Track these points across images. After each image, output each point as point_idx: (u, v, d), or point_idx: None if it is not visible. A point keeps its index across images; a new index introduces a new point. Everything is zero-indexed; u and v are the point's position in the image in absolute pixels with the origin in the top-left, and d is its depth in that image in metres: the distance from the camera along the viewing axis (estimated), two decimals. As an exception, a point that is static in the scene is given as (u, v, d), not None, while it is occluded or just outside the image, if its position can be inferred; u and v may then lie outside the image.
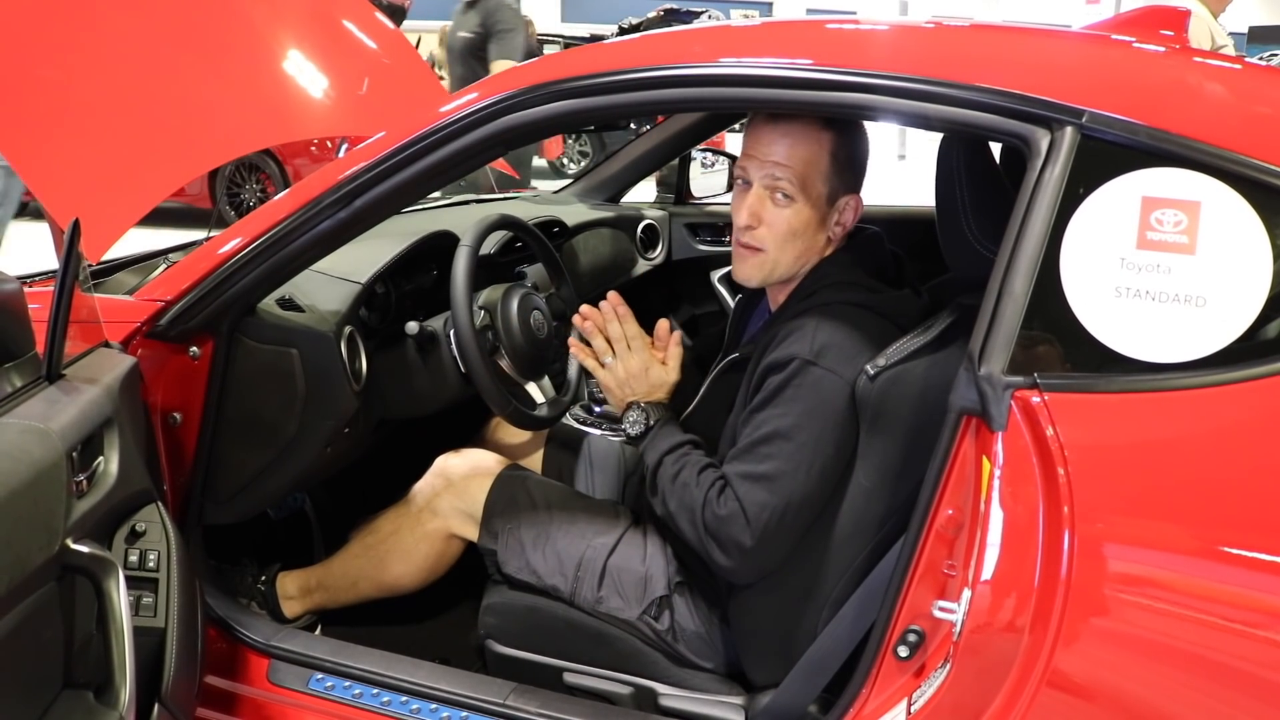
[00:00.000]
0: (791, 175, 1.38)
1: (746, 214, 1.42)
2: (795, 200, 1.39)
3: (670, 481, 1.41)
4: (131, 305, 1.49)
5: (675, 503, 1.39)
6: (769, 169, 1.39)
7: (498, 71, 3.84)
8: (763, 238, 1.42)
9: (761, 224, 1.41)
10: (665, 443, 1.45)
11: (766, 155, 1.40)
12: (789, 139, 1.38)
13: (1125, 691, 1.02)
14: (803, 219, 1.40)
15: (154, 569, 1.23)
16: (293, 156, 7.03)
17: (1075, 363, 1.06)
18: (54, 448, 1.03)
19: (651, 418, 1.49)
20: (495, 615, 1.59)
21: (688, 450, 1.44)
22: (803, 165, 1.38)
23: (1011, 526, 1.02)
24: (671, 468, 1.42)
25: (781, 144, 1.39)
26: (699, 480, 1.39)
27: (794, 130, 1.38)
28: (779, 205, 1.40)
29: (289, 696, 1.46)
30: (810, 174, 1.39)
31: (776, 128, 1.40)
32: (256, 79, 2.01)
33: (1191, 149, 1.06)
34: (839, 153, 1.39)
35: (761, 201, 1.41)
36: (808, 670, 1.34)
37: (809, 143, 1.38)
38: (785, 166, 1.38)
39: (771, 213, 1.41)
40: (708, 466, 1.40)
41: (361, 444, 1.78)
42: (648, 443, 1.48)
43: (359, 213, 1.43)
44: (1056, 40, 1.29)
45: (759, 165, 1.40)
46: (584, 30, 14.37)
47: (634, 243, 2.66)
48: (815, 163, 1.38)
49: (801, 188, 1.39)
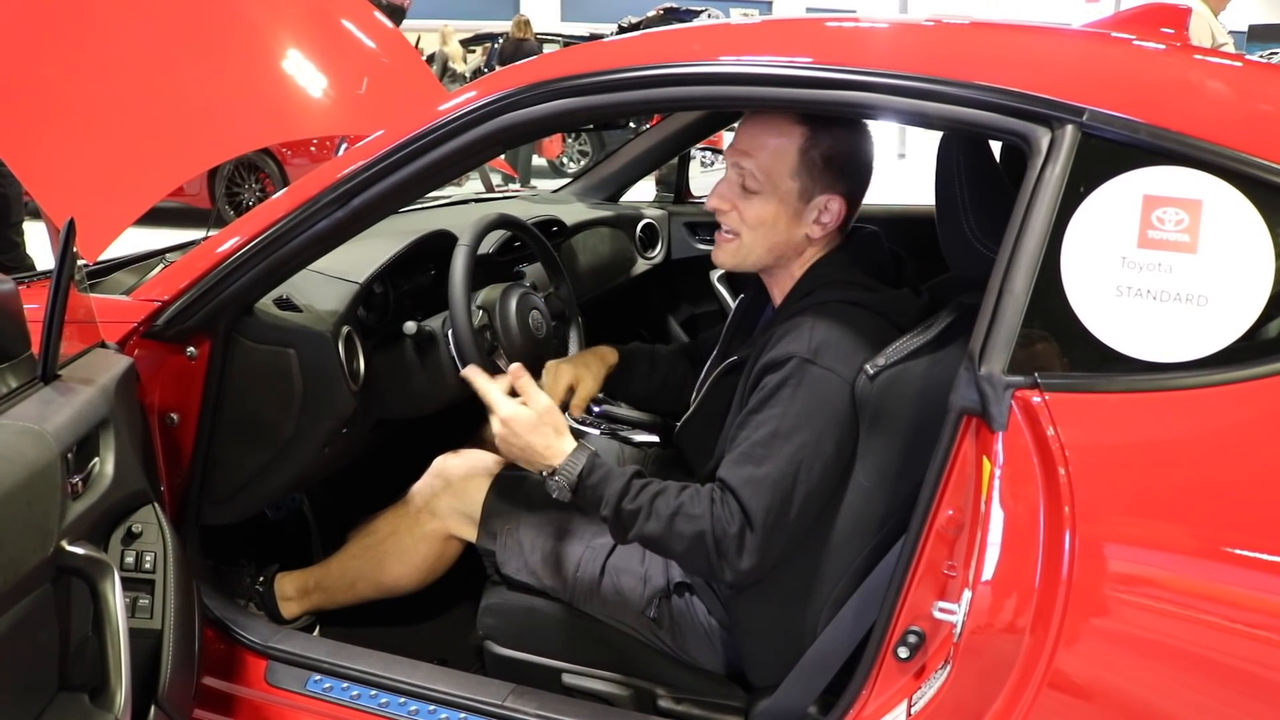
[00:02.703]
0: (755, 167, 1.40)
1: (716, 197, 1.45)
2: (760, 192, 1.41)
3: (646, 518, 1.32)
4: (128, 305, 1.48)
5: (669, 534, 1.32)
6: (737, 157, 1.42)
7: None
8: (734, 222, 1.44)
9: (732, 208, 1.43)
10: (617, 484, 1.34)
11: (739, 144, 1.42)
12: (760, 131, 1.40)
13: (1126, 692, 1.01)
14: (770, 211, 1.41)
15: (150, 570, 1.23)
16: (292, 156, 7.02)
17: (1076, 362, 1.06)
18: (48, 449, 1.03)
19: (579, 464, 1.37)
20: (494, 616, 1.58)
21: (644, 480, 1.36)
22: (769, 157, 1.39)
23: (1012, 527, 1.02)
24: (639, 499, 1.33)
25: (751, 135, 1.41)
26: (691, 501, 1.32)
27: (767, 123, 1.40)
28: (747, 194, 1.42)
29: (287, 698, 1.46)
30: (776, 168, 1.39)
31: (752, 121, 1.42)
32: (255, 78, 2.00)
33: (1193, 147, 1.05)
34: (811, 150, 1.38)
35: (730, 187, 1.43)
36: (807, 671, 1.34)
37: (778, 137, 1.39)
38: (750, 157, 1.40)
39: (740, 200, 1.43)
40: (682, 488, 1.34)
41: (360, 444, 1.78)
42: (593, 486, 1.35)
43: (357, 212, 1.43)
44: (1056, 38, 1.28)
45: (733, 153, 1.43)
46: (583, 29, 14.37)
47: (633, 242, 2.66)
48: (782, 157, 1.39)
49: (767, 179, 1.40)
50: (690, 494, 1.33)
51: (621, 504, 1.33)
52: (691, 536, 1.31)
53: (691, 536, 1.31)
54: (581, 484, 1.36)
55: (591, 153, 10.22)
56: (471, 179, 6.94)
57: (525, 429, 1.39)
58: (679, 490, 1.34)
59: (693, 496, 1.33)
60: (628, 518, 1.33)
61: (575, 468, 1.36)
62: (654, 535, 1.33)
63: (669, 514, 1.32)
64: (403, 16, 5.08)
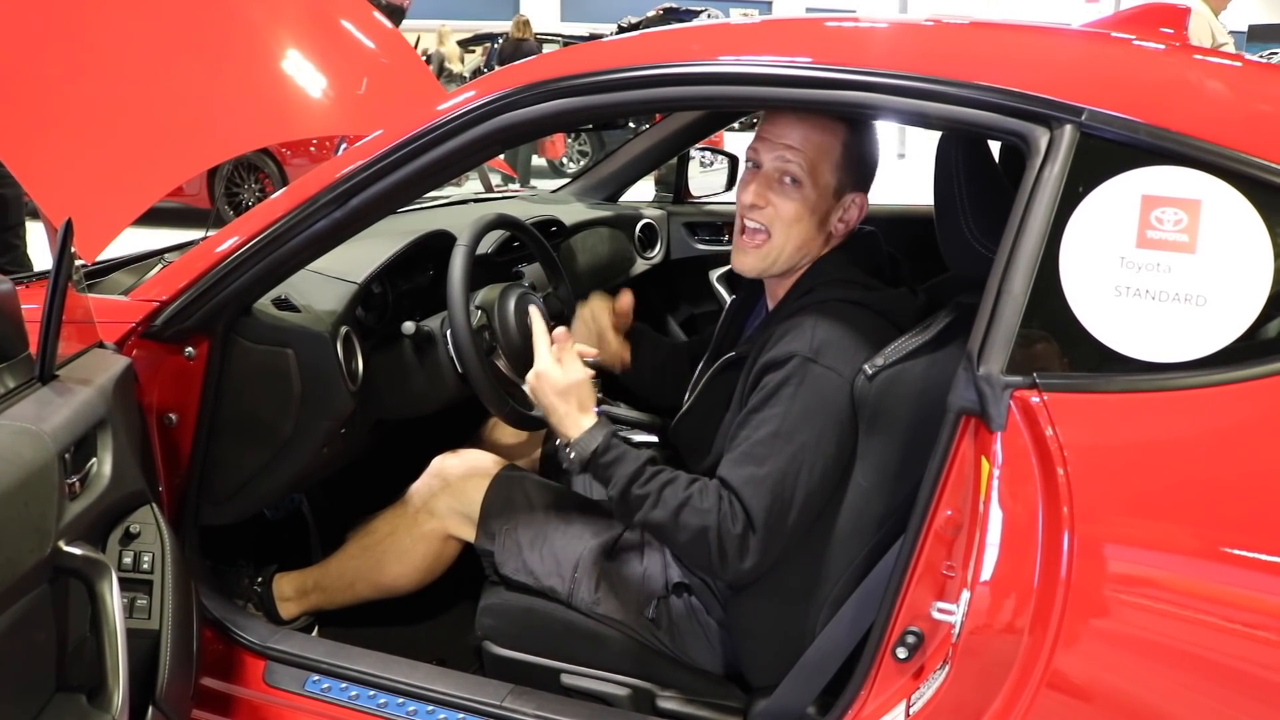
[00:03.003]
0: (802, 159, 1.39)
1: (753, 193, 1.42)
2: (803, 185, 1.39)
3: (654, 505, 1.33)
4: (126, 305, 1.48)
5: (673, 525, 1.32)
6: (780, 151, 1.40)
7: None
8: (769, 218, 1.41)
9: (769, 204, 1.41)
10: (629, 467, 1.36)
11: (780, 138, 1.40)
12: (805, 125, 1.39)
13: (1125, 693, 1.01)
14: (808, 206, 1.40)
15: (148, 571, 1.22)
16: (292, 157, 7.02)
17: (1075, 362, 1.05)
18: (45, 449, 1.03)
19: (595, 441, 1.38)
20: (492, 616, 1.58)
21: (657, 468, 1.37)
22: (815, 151, 1.39)
23: (1011, 527, 1.02)
24: (649, 486, 1.34)
25: (798, 129, 1.39)
26: (699, 495, 1.32)
27: (810, 118, 1.39)
28: (786, 188, 1.40)
29: (285, 698, 1.46)
30: (821, 161, 1.39)
31: (792, 115, 1.40)
32: (254, 78, 2.00)
33: (1192, 147, 1.05)
34: (852, 147, 1.40)
35: (770, 183, 1.41)
36: (806, 672, 1.33)
37: (824, 131, 1.39)
38: (797, 150, 1.39)
39: (779, 195, 1.41)
40: (692, 480, 1.35)
41: (358, 445, 1.78)
42: (605, 465, 1.37)
43: (355, 212, 1.43)
44: (1055, 38, 1.28)
45: (771, 147, 1.41)
46: (583, 29, 14.38)
47: (632, 242, 2.65)
48: (828, 151, 1.39)
49: (810, 173, 1.39)
50: (699, 488, 1.33)
51: (630, 488, 1.34)
52: (695, 531, 1.31)
53: (695, 531, 1.31)
54: (594, 461, 1.37)
55: (591, 154, 10.22)
56: (471, 179, 6.94)
57: (550, 391, 1.41)
58: (688, 483, 1.34)
59: (701, 491, 1.33)
60: (635, 501, 1.34)
61: (590, 444, 1.37)
62: (658, 523, 1.34)
63: (676, 505, 1.32)
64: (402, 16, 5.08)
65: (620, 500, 1.36)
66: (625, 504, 1.36)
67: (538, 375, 1.43)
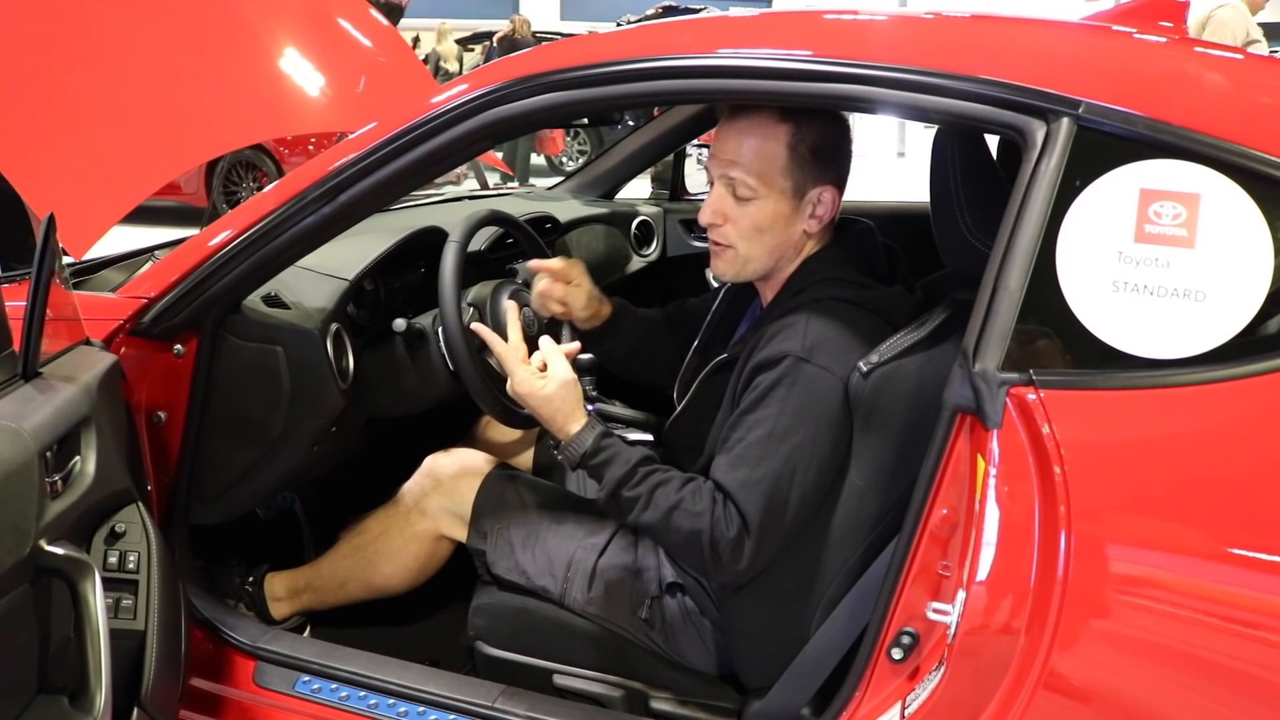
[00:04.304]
0: (746, 173, 1.36)
1: (709, 212, 1.41)
2: (756, 196, 1.37)
3: (644, 507, 1.32)
4: (114, 302, 1.47)
5: (665, 527, 1.32)
6: (724, 168, 1.38)
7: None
8: (728, 235, 1.40)
9: (726, 221, 1.40)
10: (620, 469, 1.35)
11: (723, 154, 1.38)
12: (742, 136, 1.37)
13: (1123, 693, 1.00)
14: (767, 214, 1.38)
15: (134, 570, 1.21)
16: (290, 155, 7.00)
17: (1072, 359, 1.04)
18: (25, 447, 1.01)
19: (584, 443, 1.38)
20: (484, 616, 1.57)
21: (649, 468, 1.36)
22: (759, 161, 1.36)
23: (1007, 526, 1.00)
24: (639, 488, 1.33)
25: (734, 141, 1.37)
26: (692, 498, 1.31)
27: (749, 127, 1.36)
28: (740, 202, 1.38)
29: (274, 699, 1.44)
30: (768, 169, 1.36)
31: (734, 125, 1.38)
32: (249, 74, 1.99)
33: (1191, 140, 1.04)
34: (799, 146, 1.36)
35: (723, 199, 1.39)
36: (801, 673, 1.32)
37: (764, 138, 1.36)
38: (739, 164, 1.37)
39: (734, 210, 1.39)
40: (685, 481, 1.34)
41: (350, 443, 1.76)
42: (595, 467, 1.37)
43: (345, 207, 1.41)
44: (1052, 30, 1.27)
45: (718, 164, 1.39)
46: (583, 27, 14.36)
47: (628, 239, 2.64)
48: (772, 158, 1.36)
49: (760, 183, 1.36)
50: (692, 490, 1.32)
51: (620, 490, 1.34)
52: (687, 533, 1.30)
53: (687, 533, 1.30)
54: (584, 463, 1.37)
55: (590, 151, 10.21)
56: (470, 178, 6.93)
57: (537, 402, 1.41)
58: (681, 484, 1.33)
59: (694, 493, 1.32)
60: (626, 504, 1.34)
61: (580, 447, 1.37)
62: (650, 525, 1.34)
63: (668, 507, 1.31)
64: (400, 15, 5.07)
65: (611, 502, 1.36)
66: (616, 506, 1.36)
67: (516, 394, 1.44)
